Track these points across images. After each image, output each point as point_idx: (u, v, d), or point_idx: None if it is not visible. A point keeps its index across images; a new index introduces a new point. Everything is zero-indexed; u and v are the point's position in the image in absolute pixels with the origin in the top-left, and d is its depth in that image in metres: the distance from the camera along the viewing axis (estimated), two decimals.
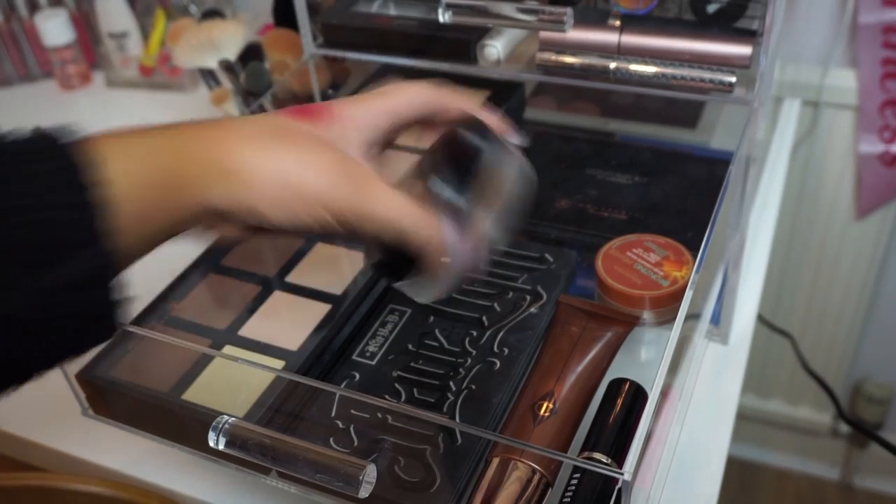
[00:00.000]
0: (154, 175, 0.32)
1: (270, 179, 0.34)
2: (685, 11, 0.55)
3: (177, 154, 0.33)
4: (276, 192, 0.34)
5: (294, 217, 0.35)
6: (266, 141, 0.35)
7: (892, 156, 1.02)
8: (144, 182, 0.31)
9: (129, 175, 0.31)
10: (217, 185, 0.34)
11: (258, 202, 0.34)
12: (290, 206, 0.35)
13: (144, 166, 0.32)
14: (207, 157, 0.34)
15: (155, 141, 0.33)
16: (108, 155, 0.30)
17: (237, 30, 0.79)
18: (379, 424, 0.45)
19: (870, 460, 1.35)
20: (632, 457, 0.36)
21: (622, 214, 0.61)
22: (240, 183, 0.34)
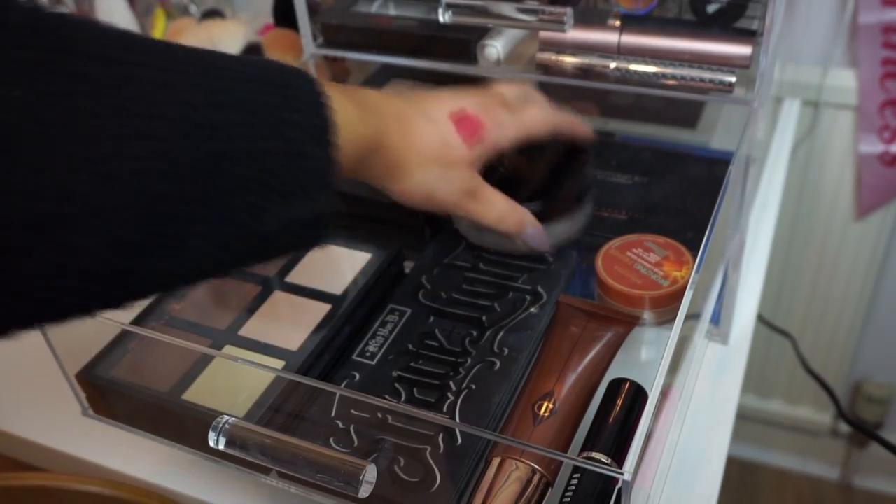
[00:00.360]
0: (353, 158, 0.41)
1: (414, 182, 0.45)
2: (685, 11, 0.55)
3: (372, 146, 0.42)
4: (412, 190, 0.45)
5: (413, 204, 0.47)
6: (429, 160, 0.45)
7: (892, 156, 1.02)
8: (347, 160, 0.40)
9: (345, 144, 0.39)
10: (379, 170, 0.44)
11: (396, 189, 0.46)
12: (416, 200, 0.46)
13: (353, 150, 0.40)
14: (387, 154, 0.43)
15: (366, 129, 0.41)
16: (339, 122, 0.37)
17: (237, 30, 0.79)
18: (379, 424, 0.45)
19: (870, 460, 1.35)
20: (632, 457, 0.36)
21: (622, 214, 0.61)
22: (394, 177, 0.45)
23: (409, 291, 0.56)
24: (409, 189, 0.45)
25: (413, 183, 0.45)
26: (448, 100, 0.47)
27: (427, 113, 0.46)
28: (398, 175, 0.44)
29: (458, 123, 0.46)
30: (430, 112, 0.46)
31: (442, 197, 0.46)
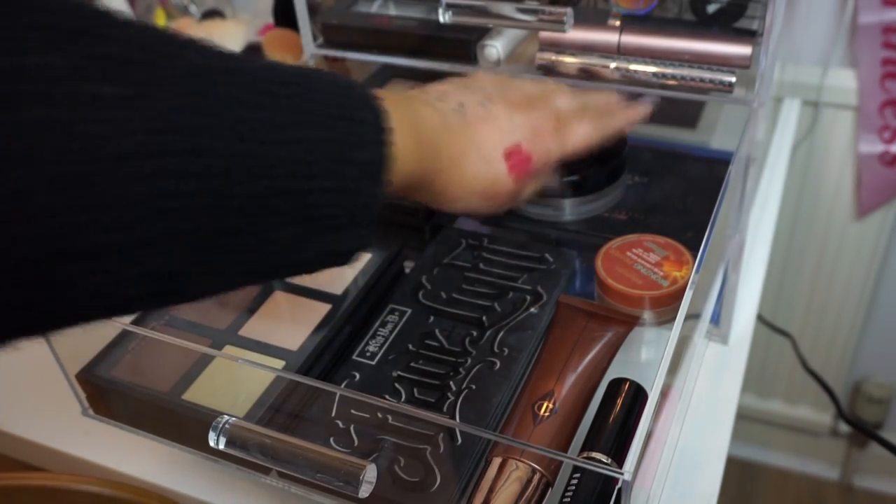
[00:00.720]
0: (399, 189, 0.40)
1: (456, 208, 0.47)
2: (685, 11, 0.55)
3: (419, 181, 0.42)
4: (452, 208, 0.47)
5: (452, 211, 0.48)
6: (475, 194, 0.46)
7: (892, 156, 1.02)
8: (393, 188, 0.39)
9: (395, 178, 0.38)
10: (424, 196, 0.45)
11: (435, 207, 0.47)
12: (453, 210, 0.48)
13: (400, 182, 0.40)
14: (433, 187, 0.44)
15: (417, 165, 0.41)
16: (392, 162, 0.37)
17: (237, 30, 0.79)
18: (379, 424, 0.45)
19: (870, 460, 1.35)
20: (632, 457, 0.36)
21: (622, 214, 0.61)
22: (437, 202, 0.46)
23: (409, 291, 0.56)
24: (453, 208, 0.47)
25: (457, 208, 0.47)
26: (506, 129, 0.47)
27: (482, 149, 0.46)
28: (440, 201, 0.46)
29: (510, 161, 0.46)
30: (485, 149, 0.46)
31: (485, 212, 0.48)
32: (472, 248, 0.59)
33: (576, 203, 0.61)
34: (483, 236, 0.60)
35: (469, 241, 0.59)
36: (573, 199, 0.61)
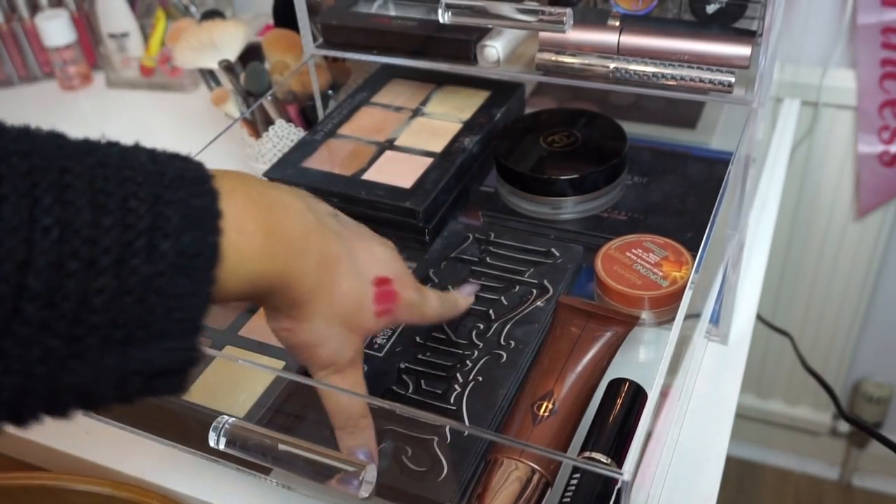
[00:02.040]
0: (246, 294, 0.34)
1: (310, 330, 0.39)
2: (685, 11, 0.55)
3: (275, 285, 0.36)
4: (300, 337, 0.40)
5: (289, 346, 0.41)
6: (335, 315, 0.39)
7: (892, 156, 1.02)
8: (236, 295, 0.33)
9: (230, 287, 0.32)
10: (278, 305, 0.38)
11: (283, 326, 0.39)
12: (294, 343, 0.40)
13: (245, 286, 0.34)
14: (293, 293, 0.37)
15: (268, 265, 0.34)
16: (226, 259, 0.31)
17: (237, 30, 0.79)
18: (387, 415, 0.45)
19: (869, 460, 1.35)
20: (632, 457, 0.36)
21: (622, 214, 0.61)
22: (293, 316, 0.39)
23: None
24: (299, 332, 0.39)
25: (308, 330, 0.39)
26: (379, 258, 0.43)
27: (356, 263, 0.40)
28: (296, 314, 0.38)
29: (379, 291, 0.41)
30: (360, 265, 0.41)
31: (324, 356, 0.41)
32: (479, 242, 0.59)
33: (575, 202, 0.61)
34: (490, 231, 0.60)
35: (476, 236, 0.60)
36: (572, 198, 0.61)
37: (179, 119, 1.02)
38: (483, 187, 0.66)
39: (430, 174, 0.62)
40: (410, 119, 0.69)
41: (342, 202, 0.61)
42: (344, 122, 0.70)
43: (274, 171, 0.64)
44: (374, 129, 0.69)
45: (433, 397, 0.49)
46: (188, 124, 1.00)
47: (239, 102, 0.80)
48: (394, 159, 0.65)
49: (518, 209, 0.62)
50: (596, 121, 0.66)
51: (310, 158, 0.65)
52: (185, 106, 1.05)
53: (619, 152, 0.61)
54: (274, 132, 0.73)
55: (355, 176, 0.63)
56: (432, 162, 0.63)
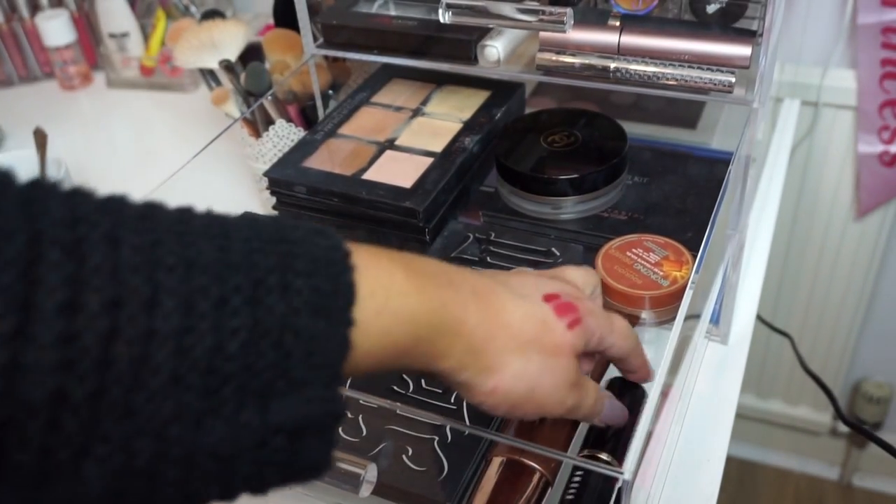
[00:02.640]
0: (397, 340, 0.30)
1: (511, 373, 0.35)
2: (685, 12, 0.55)
3: (431, 326, 0.32)
4: (509, 385, 0.35)
5: (506, 408, 0.36)
6: (527, 344, 0.35)
7: (892, 156, 1.02)
8: (393, 339, 0.30)
9: (382, 328, 0.30)
10: (458, 359, 0.33)
11: (486, 385, 0.34)
12: (512, 399, 0.35)
13: (401, 324, 0.30)
14: (462, 334, 0.33)
15: (420, 297, 0.31)
16: (370, 294, 0.29)
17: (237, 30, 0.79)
18: (388, 414, 0.45)
19: (869, 460, 1.35)
20: (632, 457, 0.36)
21: (622, 214, 0.61)
22: (483, 368, 0.34)
23: None
24: (506, 383, 0.34)
25: (511, 375, 0.34)
26: (536, 279, 0.39)
27: (513, 288, 0.37)
28: (488, 365, 0.34)
29: (556, 304, 0.37)
30: (518, 288, 0.37)
31: (546, 393, 0.36)
32: (480, 241, 0.59)
33: (575, 202, 0.61)
34: (490, 230, 0.60)
35: (476, 236, 0.60)
36: (573, 198, 0.61)
37: (179, 119, 1.02)
38: (483, 187, 0.66)
39: (430, 174, 0.62)
40: (411, 119, 0.69)
41: (342, 202, 0.61)
42: (344, 122, 0.70)
43: (274, 170, 0.64)
44: (374, 129, 0.69)
45: (434, 396, 0.49)
46: (188, 124, 1.00)
47: (239, 102, 0.80)
48: (394, 159, 0.65)
49: (518, 209, 0.62)
50: (596, 121, 0.66)
51: (310, 158, 0.65)
52: (185, 106, 1.05)
53: (620, 152, 0.62)
54: (274, 132, 0.73)
55: (356, 176, 0.63)
56: (432, 162, 0.63)
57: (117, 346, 0.22)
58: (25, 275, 0.22)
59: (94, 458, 0.23)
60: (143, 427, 0.23)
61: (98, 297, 0.22)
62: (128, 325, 0.23)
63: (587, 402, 0.39)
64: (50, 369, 0.21)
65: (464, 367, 0.33)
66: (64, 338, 0.22)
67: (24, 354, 0.21)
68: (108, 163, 0.93)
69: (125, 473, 0.23)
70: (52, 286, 0.22)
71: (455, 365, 0.33)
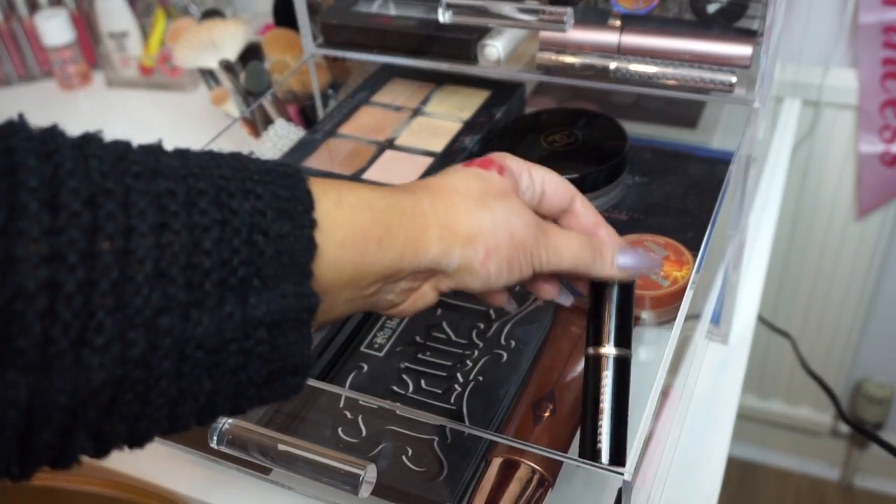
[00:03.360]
0: (365, 228, 0.32)
1: (489, 229, 0.35)
2: (685, 11, 0.55)
3: (392, 210, 0.33)
4: (494, 242, 0.35)
5: (502, 270, 0.36)
6: (482, 198, 0.36)
7: (893, 156, 1.02)
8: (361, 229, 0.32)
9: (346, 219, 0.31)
10: (437, 243, 0.34)
11: (478, 255, 0.35)
12: (504, 255, 0.36)
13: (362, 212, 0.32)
14: (427, 214, 0.34)
15: (368, 195, 0.33)
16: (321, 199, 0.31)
17: (237, 30, 0.79)
18: (387, 415, 0.45)
19: (870, 460, 1.35)
20: (632, 457, 0.36)
21: (622, 214, 0.61)
22: (464, 239, 0.35)
23: None
24: (490, 241, 0.35)
25: (489, 230, 0.35)
26: None
27: (435, 177, 0.38)
28: (467, 234, 0.35)
29: (475, 163, 0.39)
30: (438, 176, 0.38)
31: (522, 233, 0.36)
32: None
33: None
34: None
35: None
36: None
37: (179, 119, 1.02)
38: None
39: (430, 174, 0.62)
40: (411, 118, 0.69)
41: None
42: (344, 122, 0.70)
43: None
44: (374, 129, 0.68)
45: (433, 397, 0.48)
46: (188, 124, 1.00)
47: (239, 102, 0.80)
48: (394, 159, 0.65)
49: None
50: (596, 120, 0.66)
51: (310, 158, 0.65)
52: (184, 105, 1.05)
53: (620, 152, 0.61)
54: (274, 132, 0.73)
55: (355, 175, 0.63)
56: (432, 162, 0.63)
57: (100, 240, 0.24)
58: (4, 178, 0.24)
59: (92, 347, 0.24)
60: (134, 318, 0.25)
61: (76, 195, 0.24)
62: (107, 221, 0.25)
63: (567, 242, 0.38)
64: (41, 259, 0.23)
65: (450, 248, 0.34)
66: (50, 231, 0.24)
67: (15, 247, 0.23)
68: None
69: (123, 363, 0.25)
70: (31, 187, 0.24)
71: (443, 248, 0.34)
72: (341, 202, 0.32)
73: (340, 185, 0.33)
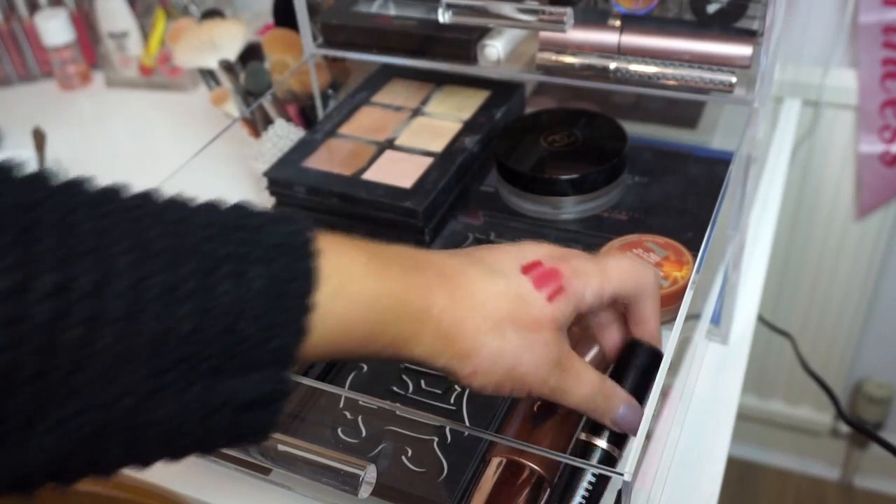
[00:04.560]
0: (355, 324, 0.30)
1: (488, 355, 0.33)
2: (685, 11, 0.55)
3: (393, 310, 0.31)
4: (489, 367, 0.34)
5: (491, 388, 0.34)
6: (502, 322, 0.34)
7: (893, 156, 1.02)
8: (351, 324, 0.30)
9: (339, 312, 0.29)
10: (429, 346, 0.33)
11: (464, 370, 0.34)
12: (494, 380, 0.34)
13: (359, 309, 0.30)
14: (430, 319, 0.32)
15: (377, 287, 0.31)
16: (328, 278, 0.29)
17: (237, 30, 0.79)
18: (387, 415, 0.45)
19: (870, 460, 1.35)
20: (632, 457, 0.36)
21: (622, 214, 0.61)
22: (457, 353, 0.33)
23: None
24: (484, 366, 0.33)
25: (488, 356, 0.33)
26: (514, 251, 0.37)
27: (488, 264, 0.35)
28: (462, 350, 0.33)
29: (535, 275, 0.35)
30: (492, 264, 0.35)
31: (527, 370, 0.34)
32: (480, 242, 0.59)
33: (576, 202, 0.61)
34: (490, 230, 0.60)
35: (476, 235, 0.60)
36: (573, 198, 0.61)
37: (179, 119, 1.02)
38: (483, 187, 0.66)
39: (430, 174, 0.62)
40: (410, 119, 0.69)
41: (342, 202, 0.61)
42: (344, 122, 0.69)
43: (274, 170, 0.64)
44: (374, 129, 0.68)
45: (433, 397, 0.48)
46: (188, 124, 1.00)
47: (239, 102, 0.80)
48: (394, 159, 0.65)
49: (518, 209, 0.62)
50: (596, 120, 0.66)
51: (310, 158, 0.65)
52: (184, 106, 1.05)
53: (620, 152, 0.61)
54: (274, 132, 0.73)
55: (355, 176, 0.63)
56: (432, 162, 0.63)
57: (63, 328, 0.23)
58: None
59: (39, 432, 0.24)
60: (88, 404, 0.24)
61: (46, 280, 0.23)
62: (74, 308, 0.24)
63: (578, 386, 0.36)
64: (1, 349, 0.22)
65: (438, 354, 0.33)
66: (8, 321, 0.23)
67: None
68: (107, 163, 0.93)
69: (71, 441, 0.24)
70: None
71: (428, 352, 0.33)
72: (342, 294, 0.29)
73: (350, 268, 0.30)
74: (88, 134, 1.01)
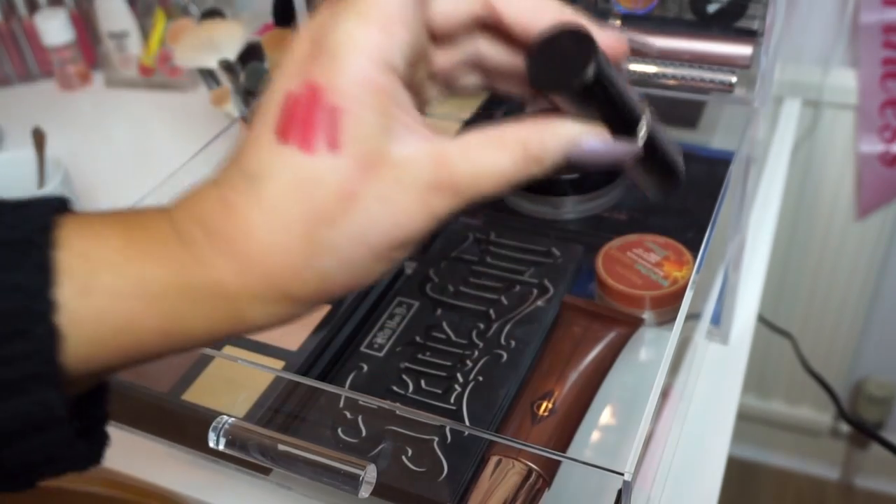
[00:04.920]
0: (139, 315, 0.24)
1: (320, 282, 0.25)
2: (685, 11, 0.55)
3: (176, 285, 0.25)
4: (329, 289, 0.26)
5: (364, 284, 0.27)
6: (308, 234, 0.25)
7: (893, 156, 1.02)
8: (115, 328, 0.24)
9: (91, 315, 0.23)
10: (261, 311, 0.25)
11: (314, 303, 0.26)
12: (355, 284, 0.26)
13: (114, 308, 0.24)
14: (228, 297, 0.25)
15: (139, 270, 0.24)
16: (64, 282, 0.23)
17: (237, 30, 0.79)
18: (387, 415, 0.45)
19: (870, 460, 1.35)
20: (632, 457, 0.36)
21: (622, 214, 0.61)
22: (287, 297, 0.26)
23: (416, 284, 0.56)
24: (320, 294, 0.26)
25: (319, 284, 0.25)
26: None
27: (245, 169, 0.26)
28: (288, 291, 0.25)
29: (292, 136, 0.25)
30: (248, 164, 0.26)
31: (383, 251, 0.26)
32: (479, 241, 0.59)
33: (576, 202, 0.61)
34: (490, 230, 0.60)
35: (476, 235, 0.60)
36: (573, 197, 0.61)
37: (179, 119, 1.02)
38: None
39: None
40: None
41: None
42: None
43: None
44: None
45: (433, 397, 0.48)
46: (188, 124, 1.00)
47: (239, 102, 0.80)
48: None
49: (518, 209, 0.62)
50: None
51: None
52: (184, 106, 1.05)
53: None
54: None
55: None
56: None
57: None
58: None
59: None
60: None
61: None
62: None
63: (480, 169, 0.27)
64: None
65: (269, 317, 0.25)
66: None
67: None
68: (107, 163, 0.93)
69: None
70: None
71: (257, 316, 0.25)
72: (92, 288, 0.23)
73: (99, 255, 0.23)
74: (88, 134, 1.01)
